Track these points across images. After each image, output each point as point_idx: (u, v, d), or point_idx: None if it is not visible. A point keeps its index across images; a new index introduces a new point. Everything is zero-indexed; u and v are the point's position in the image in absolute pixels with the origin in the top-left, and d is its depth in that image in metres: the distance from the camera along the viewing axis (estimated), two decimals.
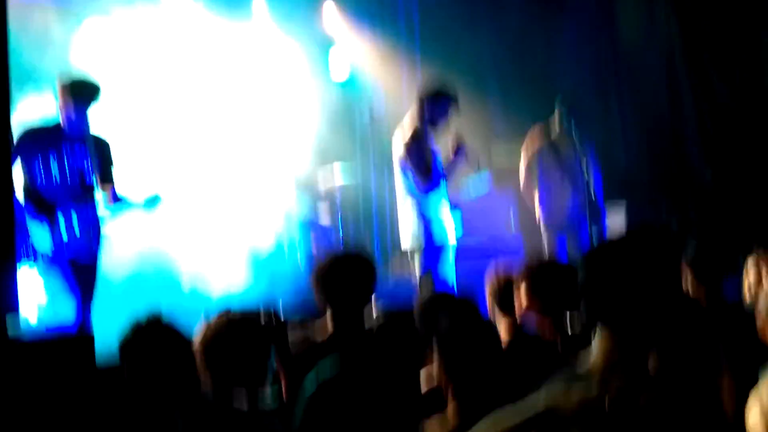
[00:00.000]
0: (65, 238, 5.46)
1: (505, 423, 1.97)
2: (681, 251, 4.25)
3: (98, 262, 5.70)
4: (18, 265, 4.63)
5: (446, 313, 3.19)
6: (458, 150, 6.52)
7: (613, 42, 10.41)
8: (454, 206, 6.68)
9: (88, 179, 5.61)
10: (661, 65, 10.22)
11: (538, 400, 1.96)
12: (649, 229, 3.93)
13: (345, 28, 9.70)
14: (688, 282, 4.19)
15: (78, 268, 5.54)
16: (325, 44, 9.56)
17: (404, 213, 6.64)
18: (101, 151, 5.72)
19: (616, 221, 8.70)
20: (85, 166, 5.60)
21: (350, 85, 9.85)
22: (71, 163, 5.57)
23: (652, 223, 4.20)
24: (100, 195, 5.73)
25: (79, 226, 5.52)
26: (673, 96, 10.14)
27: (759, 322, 3.33)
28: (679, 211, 9.46)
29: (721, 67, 9.76)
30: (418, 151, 6.47)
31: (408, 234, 6.59)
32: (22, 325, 3.79)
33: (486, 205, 8.55)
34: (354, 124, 9.87)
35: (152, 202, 5.73)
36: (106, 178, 5.73)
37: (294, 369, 3.43)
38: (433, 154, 6.56)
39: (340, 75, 9.65)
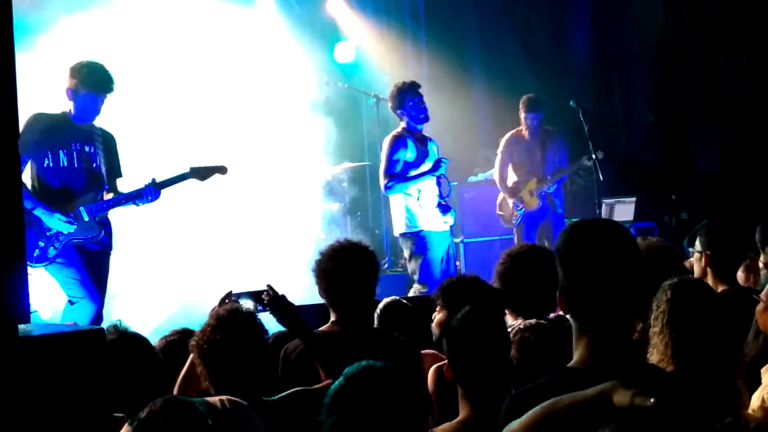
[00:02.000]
0: (74, 227, 5.36)
1: (560, 404, 1.89)
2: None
3: (108, 254, 5.59)
4: (30, 264, 4.63)
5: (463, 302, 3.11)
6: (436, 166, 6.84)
7: (618, 34, 10.44)
8: (444, 205, 6.94)
9: (96, 168, 5.52)
10: (666, 51, 10.21)
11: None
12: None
13: (350, 14, 9.67)
14: (702, 273, 4.16)
15: (89, 258, 5.45)
16: (331, 37, 9.56)
17: (392, 202, 7.06)
18: (108, 144, 5.65)
19: (625, 216, 8.76)
20: (94, 156, 5.51)
21: (355, 70, 9.84)
22: (80, 152, 5.46)
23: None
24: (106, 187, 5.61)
25: (88, 215, 5.42)
26: (680, 82, 10.13)
27: (759, 308, 3.33)
28: (689, 202, 9.48)
29: (729, 49, 9.72)
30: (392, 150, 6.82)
31: (396, 220, 7.02)
32: (35, 322, 3.77)
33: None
34: (360, 108, 9.86)
35: (149, 194, 5.48)
36: (114, 171, 5.67)
37: (320, 347, 3.41)
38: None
39: (345, 58, 9.66)
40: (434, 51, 10.11)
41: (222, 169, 5.83)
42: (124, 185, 5.75)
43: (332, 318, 3.64)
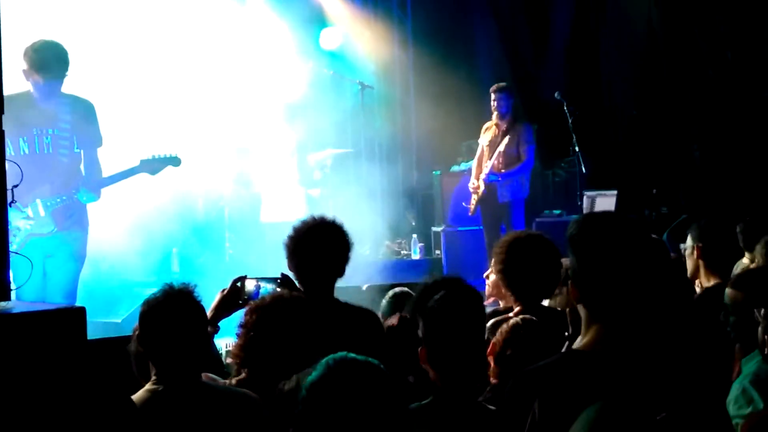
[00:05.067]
0: (32, 221, 5.13)
1: None
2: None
3: (83, 235, 5.38)
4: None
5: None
6: None
7: (602, 26, 10.48)
8: None
9: (59, 154, 5.20)
10: (650, 44, 10.26)
11: None
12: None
13: (336, 0, 9.64)
14: (695, 267, 4.13)
15: (62, 241, 5.25)
16: (317, 22, 9.52)
17: None
18: (82, 115, 5.27)
19: (606, 209, 8.80)
20: (57, 139, 5.18)
21: (340, 56, 9.82)
22: (42, 137, 5.13)
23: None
24: (82, 163, 5.33)
25: (44, 209, 5.17)
26: (664, 76, 10.18)
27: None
28: (670, 196, 9.53)
29: (713, 44, 9.78)
30: None
31: None
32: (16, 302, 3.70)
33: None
34: (344, 95, 9.84)
35: (87, 195, 5.29)
36: (92, 141, 5.34)
37: None
38: None
39: (330, 44, 9.63)
40: (420, 39, 10.10)
41: (174, 161, 5.56)
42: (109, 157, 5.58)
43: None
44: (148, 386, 2.87)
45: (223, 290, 3.47)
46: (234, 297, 3.44)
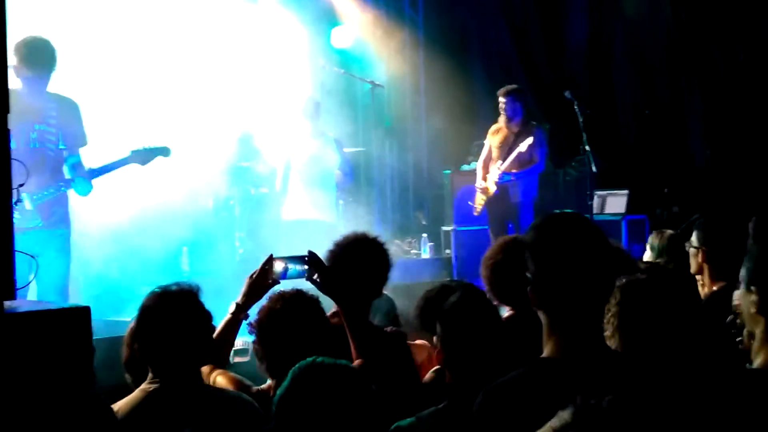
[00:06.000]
0: (18, 216, 5.02)
1: None
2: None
3: (68, 232, 5.37)
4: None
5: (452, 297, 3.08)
6: None
7: (615, 26, 10.45)
8: None
9: (45, 149, 5.19)
10: (663, 44, 10.21)
11: None
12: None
13: (349, 1, 9.64)
14: (699, 267, 4.03)
15: (48, 238, 5.20)
16: (328, 21, 9.51)
17: None
18: (67, 112, 5.29)
19: (617, 209, 8.77)
20: (44, 135, 5.17)
21: (351, 55, 9.81)
22: (28, 133, 5.11)
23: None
24: (65, 164, 5.32)
25: (31, 202, 5.13)
26: (676, 75, 10.14)
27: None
28: (681, 195, 9.49)
29: (725, 45, 9.74)
30: None
31: None
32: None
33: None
34: (355, 94, 9.83)
35: (83, 185, 5.28)
36: (76, 140, 5.34)
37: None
38: None
39: (342, 43, 9.62)
40: (431, 38, 10.08)
41: (165, 151, 5.55)
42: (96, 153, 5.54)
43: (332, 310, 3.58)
44: (143, 386, 2.87)
45: (252, 274, 3.45)
46: (263, 279, 3.43)
